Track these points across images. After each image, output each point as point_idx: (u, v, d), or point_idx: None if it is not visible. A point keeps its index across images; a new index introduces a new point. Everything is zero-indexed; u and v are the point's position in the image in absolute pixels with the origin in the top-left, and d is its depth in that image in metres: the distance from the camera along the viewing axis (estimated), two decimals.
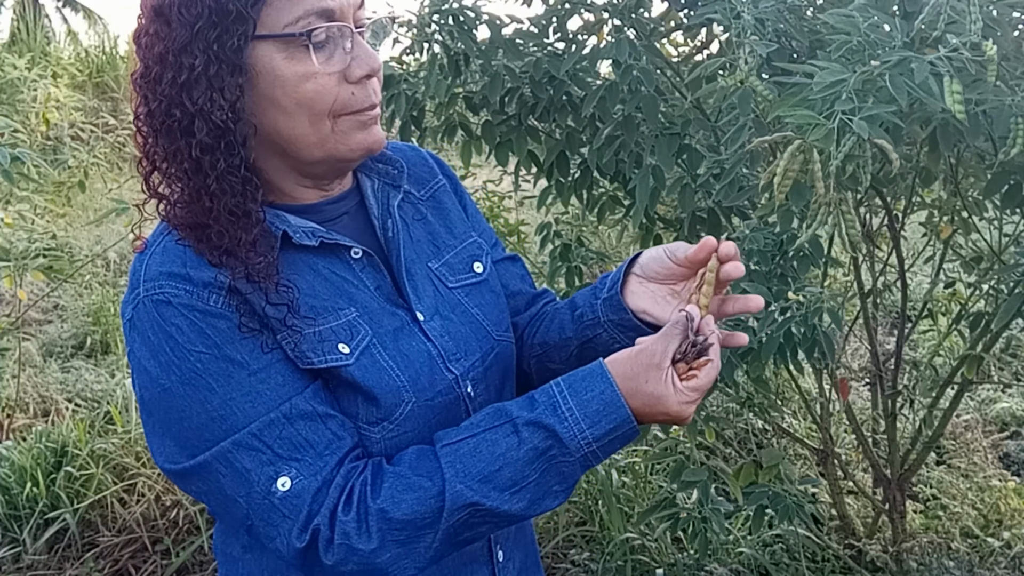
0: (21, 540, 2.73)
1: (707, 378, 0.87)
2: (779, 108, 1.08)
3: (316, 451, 0.87)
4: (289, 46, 0.86)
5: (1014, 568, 2.55)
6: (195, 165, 0.87)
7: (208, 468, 0.86)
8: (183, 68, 0.84)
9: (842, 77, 1.03)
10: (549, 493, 0.88)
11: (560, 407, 0.86)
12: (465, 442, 0.88)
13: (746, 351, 1.50)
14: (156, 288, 0.86)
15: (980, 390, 3.65)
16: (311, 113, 0.88)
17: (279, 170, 0.94)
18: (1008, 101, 1.15)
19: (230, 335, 0.86)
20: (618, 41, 1.72)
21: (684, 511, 1.81)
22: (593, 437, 0.86)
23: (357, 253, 0.96)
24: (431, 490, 0.85)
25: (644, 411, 0.86)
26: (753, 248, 1.58)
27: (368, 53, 0.90)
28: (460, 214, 1.12)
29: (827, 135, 1.00)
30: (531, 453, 0.86)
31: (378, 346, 0.93)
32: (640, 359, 0.87)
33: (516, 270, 1.20)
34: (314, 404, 0.88)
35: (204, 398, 0.85)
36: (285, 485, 0.85)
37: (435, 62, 1.92)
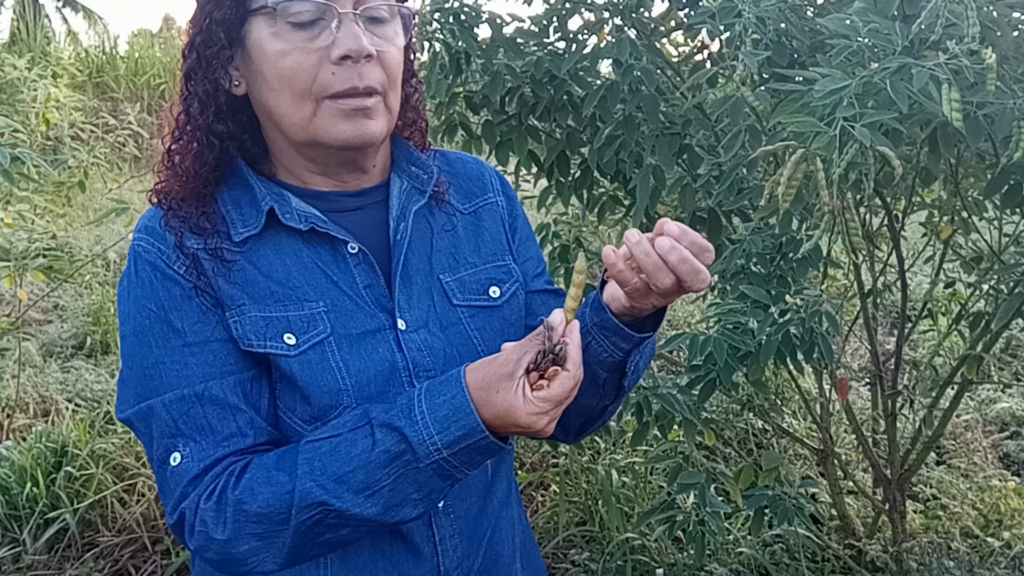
0: (21, 540, 2.73)
1: (560, 388, 0.81)
2: (779, 115, 1.08)
3: (215, 439, 0.88)
4: (275, 22, 0.88)
5: (1014, 568, 2.55)
6: (184, 128, 0.93)
7: (132, 424, 0.90)
8: (192, 39, 0.91)
9: (843, 84, 1.03)
10: (407, 500, 0.85)
11: (414, 410, 0.84)
12: (328, 440, 0.86)
13: (745, 353, 1.50)
14: (137, 239, 0.92)
15: (980, 390, 3.65)
16: (291, 91, 0.89)
17: (283, 149, 0.96)
18: (1010, 104, 1.15)
19: (179, 302, 0.89)
20: (619, 40, 1.72)
21: (682, 513, 1.80)
22: (443, 443, 0.82)
23: (353, 248, 0.95)
24: (285, 485, 0.84)
25: (496, 422, 0.82)
26: (752, 250, 1.58)
27: (351, 34, 0.88)
28: (499, 236, 1.09)
29: (829, 143, 1.00)
30: (383, 456, 0.83)
31: (333, 345, 0.92)
32: (493, 368, 0.83)
33: (556, 304, 1.12)
34: (228, 393, 0.89)
35: (143, 354, 0.89)
36: (175, 460, 0.87)
37: (436, 61, 1.92)
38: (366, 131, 0.91)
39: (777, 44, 1.52)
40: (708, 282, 0.90)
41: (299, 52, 0.88)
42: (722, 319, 1.53)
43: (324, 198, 0.97)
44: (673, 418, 1.68)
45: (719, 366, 1.48)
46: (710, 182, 1.74)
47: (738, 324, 1.50)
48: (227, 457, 0.88)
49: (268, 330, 0.90)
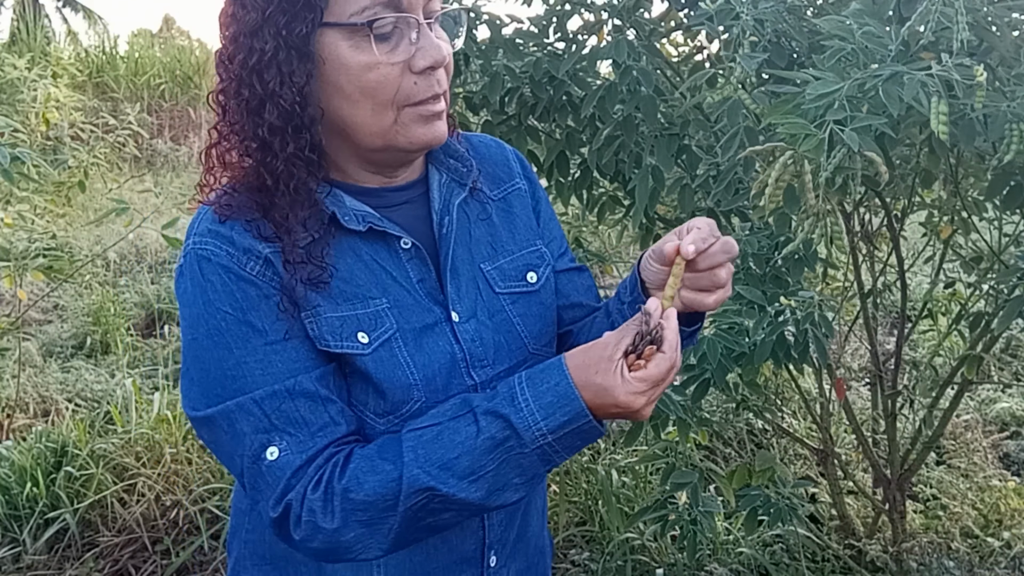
0: (21, 540, 2.73)
1: (657, 369, 0.86)
2: (772, 116, 1.08)
3: (310, 430, 0.89)
4: (354, 35, 0.88)
5: (1014, 568, 2.55)
6: (263, 144, 0.90)
7: (213, 422, 0.90)
8: (254, 51, 0.87)
9: (835, 87, 1.03)
10: (508, 485, 0.88)
11: (517, 398, 0.87)
12: (429, 429, 0.89)
13: (739, 354, 1.50)
14: (202, 243, 0.91)
15: (980, 390, 3.65)
16: (374, 102, 0.90)
17: (342, 152, 0.96)
18: (1003, 106, 1.14)
19: (256, 302, 0.89)
20: (618, 41, 1.72)
21: (674, 513, 1.81)
22: (548, 429, 0.86)
23: (407, 244, 0.98)
24: (392, 473, 0.87)
25: (596, 403, 0.86)
26: (748, 251, 1.58)
27: (433, 44, 0.90)
28: (529, 221, 1.12)
29: (817, 146, 1.01)
30: (488, 443, 0.86)
31: (399, 341, 0.95)
32: (593, 352, 0.87)
33: (582, 281, 1.19)
34: (318, 386, 0.90)
35: (222, 356, 0.89)
36: (273, 455, 0.88)
37: None
38: (440, 133, 0.95)
39: (775, 45, 1.52)
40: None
41: (385, 66, 0.89)
42: (718, 319, 1.53)
43: (374, 194, 0.99)
44: (667, 418, 1.69)
45: (713, 366, 1.49)
46: (708, 182, 1.74)
47: (733, 324, 1.51)
48: (327, 447, 0.89)
49: (343, 330, 0.92)
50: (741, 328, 1.51)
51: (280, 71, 0.87)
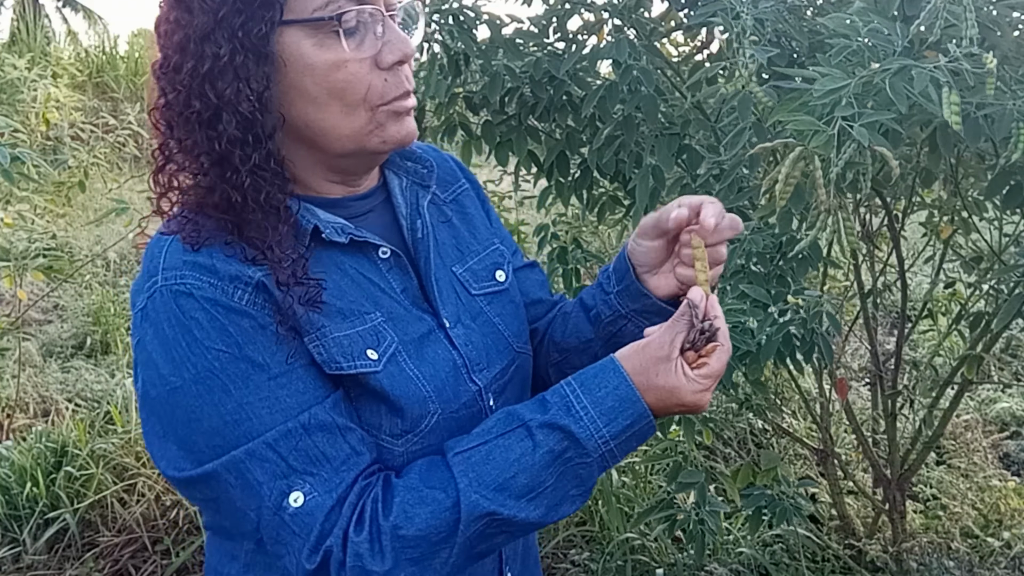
0: (21, 540, 2.73)
1: (719, 363, 0.84)
2: (779, 113, 1.08)
3: (333, 466, 0.82)
4: (318, 32, 0.82)
5: (1014, 568, 2.55)
6: (220, 159, 0.82)
7: (217, 478, 0.80)
8: (206, 57, 0.80)
9: (843, 84, 1.03)
10: (566, 498, 0.84)
11: (574, 406, 0.83)
12: (477, 449, 0.84)
13: (744, 353, 1.50)
14: (177, 277, 0.81)
15: (980, 390, 3.65)
16: (343, 103, 0.84)
17: (306, 162, 0.89)
18: (1009, 105, 1.15)
19: (253, 335, 0.81)
20: (618, 41, 1.72)
21: (681, 513, 1.81)
22: (611, 435, 0.83)
23: (385, 253, 0.92)
24: (445, 502, 0.81)
25: (659, 405, 0.84)
26: (752, 250, 1.58)
27: (400, 38, 0.86)
28: (484, 219, 1.09)
29: (827, 142, 1.00)
30: (547, 457, 0.82)
31: (403, 353, 0.89)
32: (648, 352, 0.84)
33: (535, 277, 1.17)
34: (334, 415, 0.83)
35: (218, 400, 0.80)
36: (297, 501, 0.80)
37: (435, 62, 1.92)
38: (413, 130, 0.90)
39: (776, 45, 1.52)
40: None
41: (353, 63, 0.83)
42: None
43: (341, 205, 0.93)
44: (671, 417, 1.68)
45: None
46: (709, 182, 1.74)
47: (738, 324, 1.50)
48: (355, 481, 0.82)
49: (352, 349, 0.85)
50: (746, 327, 1.51)
51: (237, 76, 0.80)
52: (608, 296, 1.04)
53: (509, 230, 3.38)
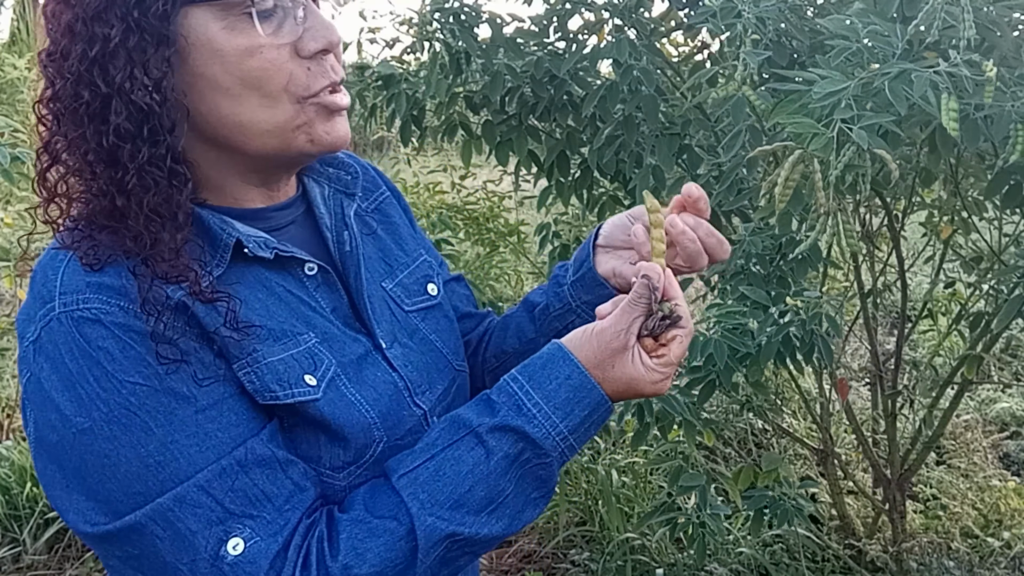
0: (21, 540, 2.73)
1: (680, 349, 0.78)
2: (778, 115, 1.08)
3: (275, 505, 0.73)
4: (228, 14, 0.73)
5: (1014, 568, 2.55)
6: (109, 156, 0.72)
7: (141, 531, 0.69)
8: (96, 39, 0.70)
9: (842, 86, 1.03)
10: (528, 503, 0.78)
11: (525, 404, 0.76)
12: (424, 466, 0.76)
13: (745, 354, 1.50)
14: (80, 302, 0.70)
15: (980, 390, 3.64)
16: (261, 94, 0.75)
17: (218, 165, 0.80)
18: (1008, 106, 1.15)
19: (175, 363, 0.71)
20: (618, 41, 1.72)
21: (683, 515, 1.81)
22: (568, 429, 0.76)
23: (312, 269, 0.83)
24: (398, 531, 0.73)
25: (616, 396, 0.78)
26: (752, 251, 1.58)
27: (324, 24, 0.78)
28: (409, 229, 1.01)
29: (827, 144, 1.00)
30: (503, 463, 0.75)
31: (342, 377, 0.81)
32: (602, 341, 0.77)
33: (463, 291, 1.11)
34: (273, 448, 0.74)
35: (138, 441, 0.69)
36: (237, 548, 0.70)
37: (436, 61, 1.92)
38: (346, 131, 0.81)
39: (777, 45, 1.52)
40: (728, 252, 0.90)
41: (269, 49, 0.74)
42: (722, 320, 1.53)
43: (259, 216, 0.83)
44: (673, 419, 1.69)
45: (719, 367, 1.48)
46: (710, 182, 1.74)
47: (738, 325, 1.51)
48: (300, 522, 0.73)
49: (288, 375, 0.76)
50: (746, 329, 1.51)
51: (131, 60, 0.70)
52: (561, 288, 0.98)
53: (509, 230, 3.39)
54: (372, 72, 2.12)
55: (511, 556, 2.72)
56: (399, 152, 4.61)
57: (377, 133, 7.16)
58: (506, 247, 3.46)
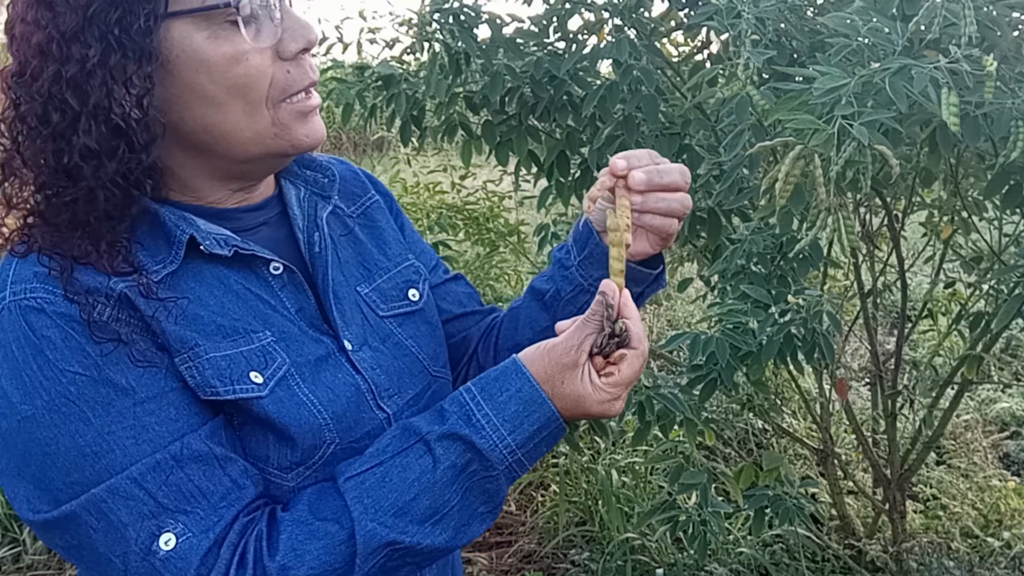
0: (21, 540, 2.73)
1: (630, 370, 0.77)
2: (779, 112, 1.08)
3: (210, 502, 0.72)
4: (211, 23, 0.73)
5: (1014, 568, 2.55)
6: (68, 174, 0.72)
7: (76, 520, 0.70)
8: (71, 60, 0.69)
9: (842, 83, 1.03)
10: (475, 517, 0.77)
11: (474, 415, 0.76)
12: (372, 471, 0.76)
13: (746, 354, 1.50)
14: (27, 291, 0.71)
15: (980, 390, 3.65)
16: (246, 101, 0.75)
17: (196, 170, 0.80)
18: (1008, 104, 1.15)
19: (115, 355, 0.71)
20: (618, 41, 1.72)
21: (683, 514, 1.81)
22: (516, 443, 0.76)
23: (277, 268, 0.83)
24: (339, 535, 0.73)
25: (565, 413, 0.77)
26: (753, 250, 1.58)
27: (301, 23, 0.78)
28: (396, 234, 1.01)
29: (827, 140, 1.00)
30: (449, 473, 0.75)
31: (296, 377, 0.80)
32: (553, 357, 0.77)
33: (463, 289, 1.10)
34: (211, 444, 0.74)
35: (76, 430, 0.70)
36: (169, 543, 0.70)
37: (436, 61, 1.92)
38: (322, 131, 0.82)
39: (777, 44, 1.52)
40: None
41: (254, 54, 0.74)
42: (723, 319, 1.53)
43: (229, 217, 0.83)
44: (674, 418, 1.69)
45: (720, 366, 1.49)
46: (710, 182, 1.74)
47: (739, 324, 1.51)
48: (236, 519, 0.73)
49: (232, 371, 0.76)
50: (747, 328, 1.51)
51: (110, 78, 0.70)
52: (568, 271, 0.97)
53: (509, 230, 3.39)
54: (372, 72, 2.12)
55: (511, 556, 2.72)
56: (399, 152, 4.61)
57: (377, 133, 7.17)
58: (506, 247, 3.46)
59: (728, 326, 1.51)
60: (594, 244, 0.95)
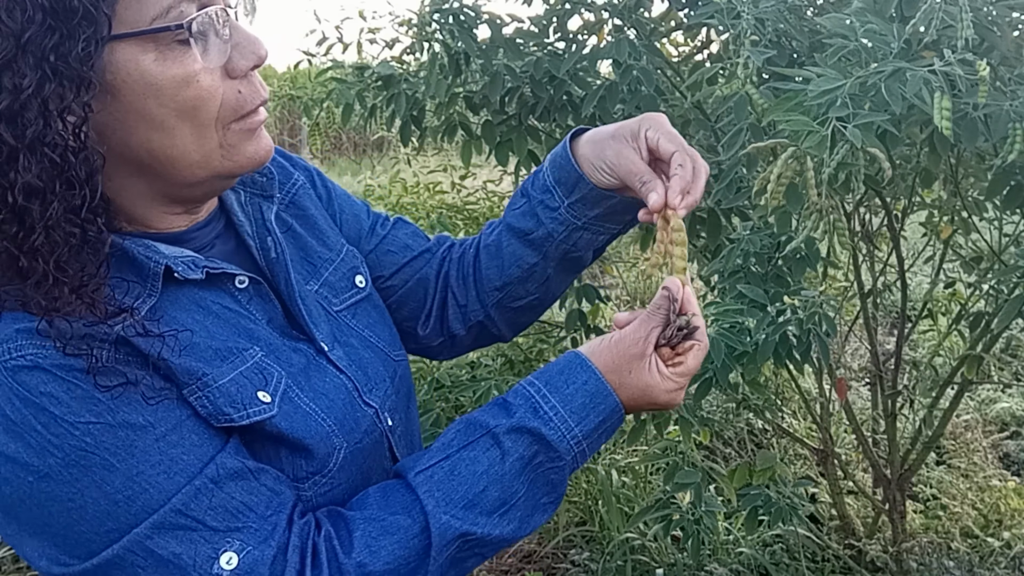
0: None
1: (695, 361, 0.81)
2: (774, 113, 1.08)
3: (258, 514, 0.72)
4: (159, 44, 0.68)
5: (1014, 568, 2.55)
6: (14, 216, 0.65)
7: (120, 564, 0.68)
8: (3, 91, 0.63)
9: (838, 84, 1.03)
10: (538, 507, 0.79)
11: (541, 407, 0.78)
12: (440, 465, 0.77)
13: (742, 353, 1.50)
14: (12, 351, 0.66)
15: (980, 390, 3.64)
16: (194, 125, 0.72)
17: (142, 197, 0.76)
18: (1006, 105, 1.15)
19: (125, 395, 0.69)
20: (618, 41, 1.72)
21: (678, 512, 1.81)
22: (583, 434, 0.78)
23: (243, 282, 0.81)
24: (412, 528, 0.74)
25: (630, 404, 0.80)
26: (750, 250, 1.58)
27: (250, 38, 0.74)
28: (326, 219, 0.97)
29: (820, 142, 1.01)
30: (517, 465, 0.77)
31: (295, 388, 0.80)
32: (620, 348, 0.80)
33: (405, 231, 1.08)
34: (241, 459, 0.73)
35: (101, 479, 0.67)
36: (231, 562, 0.69)
37: (435, 61, 1.92)
38: (270, 146, 0.79)
39: (776, 45, 1.52)
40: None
41: (204, 74, 0.71)
42: (720, 319, 1.53)
43: (183, 239, 0.80)
44: (669, 416, 1.69)
45: (716, 365, 1.49)
46: (709, 181, 1.74)
47: (735, 324, 1.51)
48: (290, 523, 0.73)
49: (241, 395, 0.75)
50: (743, 327, 1.51)
51: (45, 110, 0.64)
52: (557, 212, 0.96)
53: None
54: (372, 72, 2.13)
55: (511, 556, 2.72)
56: (399, 152, 4.61)
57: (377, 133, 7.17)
58: None
59: (724, 326, 1.51)
60: (586, 187, 0.94)
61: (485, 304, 1.05)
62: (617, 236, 1.02)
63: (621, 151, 0.89)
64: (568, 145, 0.95)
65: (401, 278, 1.06)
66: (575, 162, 0.94)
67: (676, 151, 0.86)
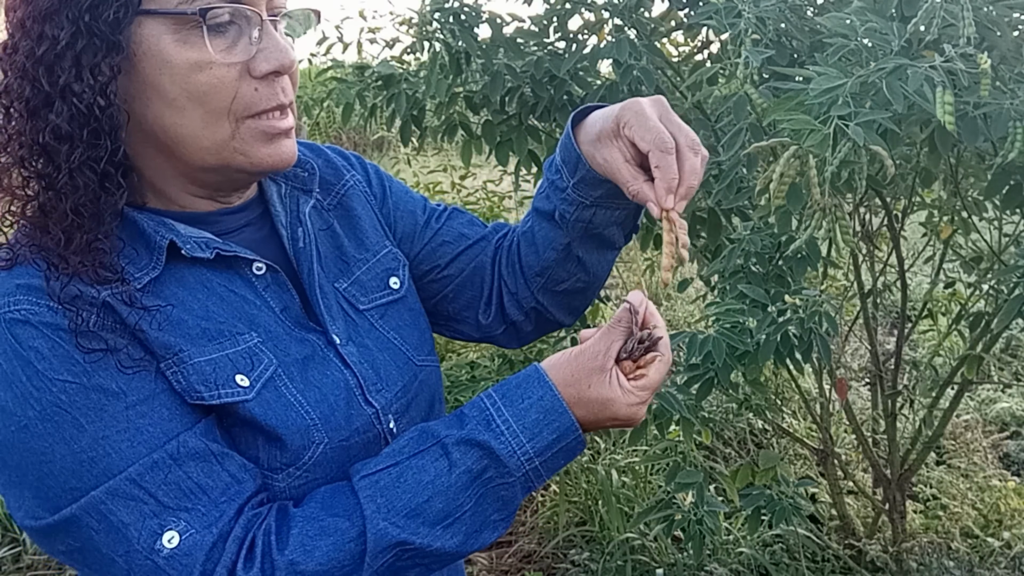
0: (21, 540, 2.73)
1: (657, 375, 0.79)
2: (776, 112, 1.08)
3: (210, 498, 0.73)
4: (182, 27, 0.73)
5: (1014, 568, 2.55)
6: (43, 154, 0.73)
7: (77, 523, 0.71)
8: (44, 39, 0.71)
9: (839, 83, 1.03)
10: (487, 524, 0.77)
11: (494, 420, 0.76)
12: (387, 471, 0.76)
13: (743, 353, 1.50)
14: (10, 304, 0.71)
15: (980, 390, 3.64)
16: (205, 110, 0.75)
17: (163, 172, 0.80)
18: (1006, 104, 1.15)
19: (104, 360, 0.72)
20: (619, 41, 1.72)
21: (679, 512, 1.81)
22: (535, 451, 0.76)
23: (260, 269, 0.83)
24: (349, 532, 0.73)
25: (590, 419, 0.78)
26: (751, 249, 1.58)
27: (279, 46, 0.77)
28: (373, 220, 1.00)
29: (823, 141, 1.00)
30: (464, 477, 0.75)
31: (284, 378, 0.80)
32: (580, 362, 0.78)
33: (461, 221, 1.09)
34: (207, 441, 0.74)
35: (70, 436, 0.70)
36: (172, 541, 0.71)
37: (436, 61, 1.92)
38: (290, 154, 0.82)
39: (777, 44, 1.52)
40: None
41: (219, 66, 0.74)
42: (720, 319, 1.53)
43: (208, 221, 0.83)
44: (671, 417, 1.69)
45: (717, 365, 1.49)
46: (709, 181, 1.74)
47: (736, 323, 1.51)
48: (239, 513, 0.74)
49: (216, 376, 0.76)
50: (744, 327, 1.51)
51: (77, 63, 0.71)
52: (565, 192, 0.96)
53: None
54: (372, 72, 2.13)
55: (511, 556, 2.72)
56: (399, 152, 4.61)
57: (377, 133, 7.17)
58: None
59: (725, 326, 1.51)
60: (584, 169, 0.94)
61: (532, 290, 1.06)
62: (639, 212, 1.02)
63: (607, 155, 0.89)
64: (572, 126, 0.96)
65: (457, 267, 1.07)
66: (575, 143, 0.94)
67: (650, 150, 0.84)
